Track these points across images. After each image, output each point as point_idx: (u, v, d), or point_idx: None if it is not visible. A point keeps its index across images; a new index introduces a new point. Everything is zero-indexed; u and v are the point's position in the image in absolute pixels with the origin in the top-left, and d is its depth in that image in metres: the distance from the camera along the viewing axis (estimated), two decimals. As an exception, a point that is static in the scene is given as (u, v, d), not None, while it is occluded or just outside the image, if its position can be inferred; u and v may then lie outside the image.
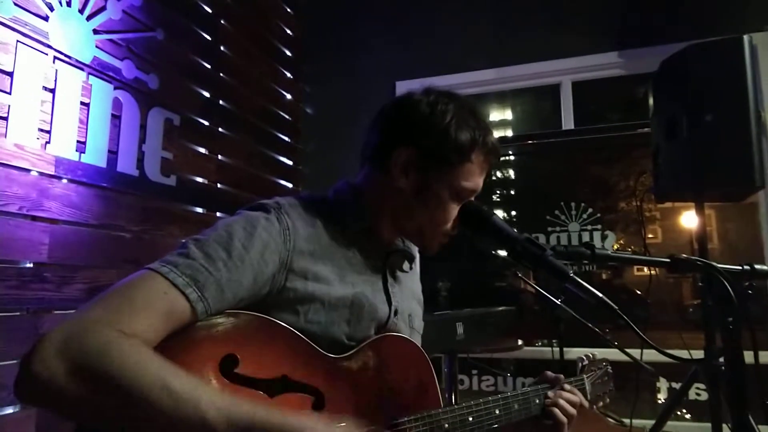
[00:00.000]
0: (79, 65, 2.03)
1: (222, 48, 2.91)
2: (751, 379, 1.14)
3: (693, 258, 1.16)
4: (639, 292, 3.10)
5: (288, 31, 3.58)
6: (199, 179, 2.69)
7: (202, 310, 0.85)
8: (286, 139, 3.48)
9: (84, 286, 1.98)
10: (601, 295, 1.01)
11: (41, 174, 1.88)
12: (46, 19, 1.91)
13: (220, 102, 2.87)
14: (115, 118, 2.18)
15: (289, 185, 3.46)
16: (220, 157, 2.84)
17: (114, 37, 2.19)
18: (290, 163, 3.51)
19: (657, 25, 2.95)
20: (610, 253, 1.23)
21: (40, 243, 1.84)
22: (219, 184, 2.81)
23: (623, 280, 3.24)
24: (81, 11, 2.05)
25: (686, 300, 3.12)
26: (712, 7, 2.86)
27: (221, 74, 2.89)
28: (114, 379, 0.73)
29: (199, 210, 2.70)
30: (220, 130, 2.86)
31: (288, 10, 3.59)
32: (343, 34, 3.57)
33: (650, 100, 2.23)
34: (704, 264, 1.13)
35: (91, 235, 2.06)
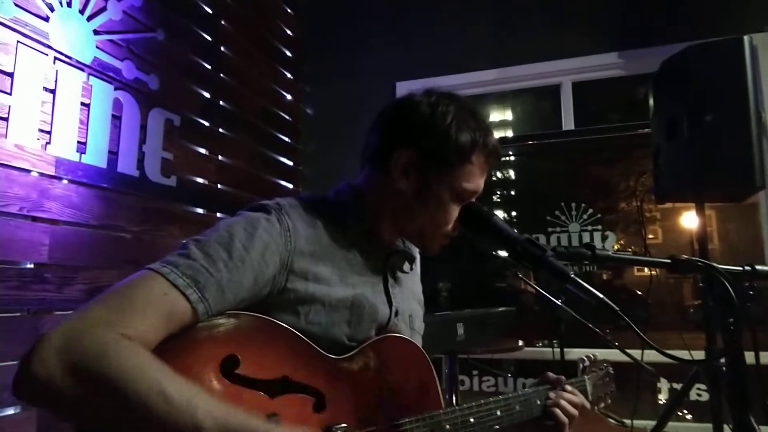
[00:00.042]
0: (79, 66, 2.03)
1: (222, 48, 2.91)
2: (752, 380, 1.14)
3: (694, 259, 1.16)
4: (639, 293, 3.10)
5: (288, 32, 3.58)
6: (200, 180, 2.69)
7: (203, 311, 0.85)
8: (287, 139, 3.48)
9: (84, 286, 1.98)
10: (601, 296, 1.01)
11: (41, 175, 1.88)
12: (46, 19, 1.91)
13: (221, 102, 2.87)
14: (116, 119, 2.18)
15: (290, 186, 3.46)
16: (220, 157, 2.84)
17: (114, 37, 2.19)
18: (290, 163, 3.51)
19: (657, 26, 2.95)
20: (610, 254, 1.23)
21: (40, 244, 1.84)
22: (219, 185, 2.81)
23: (624, 281, 3.24)
24: (81, 12, 2.05)
25: (687, 300, 3.11)
26: (713, 7, 2.86)
27: (221, 75, 2.89)
28: (111, 382, 0.73)
29: (200, 210, 2.70)
30: (220, 130, 2.86)
31: (288, 11, 3.59)
32: (344, 35, 3.57)
33: (651, 101, 2.23)
34: (705, 265, 1.13)
35: (92, 235, 2.06)
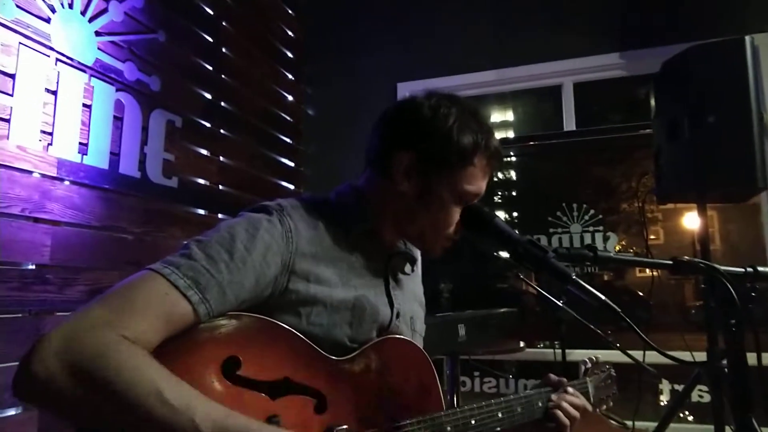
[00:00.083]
0: (81, 67, 2.03)
1: (223, 50, 2.91)
2: (754, 382, 1.13)
3: (696, 260, 1.16)
4: (641, 294, 3.10)
5: (289, 33, 3.58)
6: (201, 181, 2.69)
7: (204, 312, 0.85)
8: (288, 140, 3.48)
9: (86, 287, 1.98)
10: (603, 297, 1.01)
11: (43, 176, 1.88)
12: (48, 21, 1.92)
13: (222, 104, 2.87)
14: (117, 120, 2.18)
15: (291, 187, 3.46)
16: (221, 158, 2.84)
17: (116, 39, 2.19)
18: (292, 164, 3.51)
19: (658, 26, 2.94)
20: (612, 255, 1.23)
21: (42, 245, 1.84)
22: (221, 186, 2.81)
23: (625, 282, 3.24)
24: (83, 13, 2.05)
25: (688, 301, 3.11)
26: (714, 8, 2.86)
27: (223, 76, 2.89)
28: (110, 383, 0.73)
29: (201, 211, 2.70)
30: (221, 131, 2.86)
31: (289, 12, 3.59)
32: (345, 36, 3.57)
33: (652, 102, 2.23)
34: (707, 266, 1.13)
35: (93, 236, 2.06)
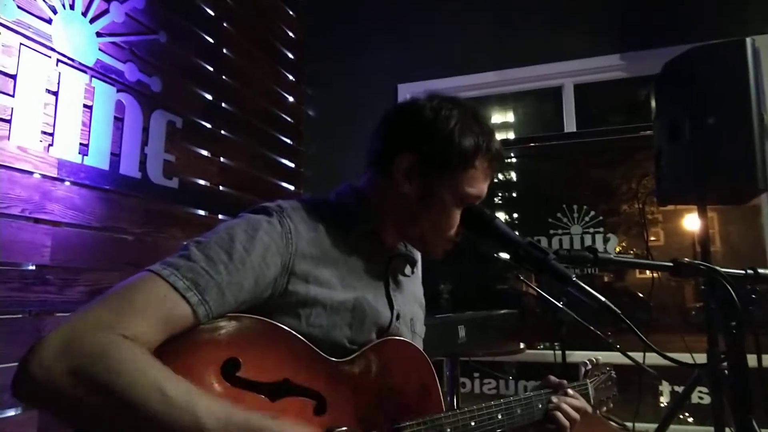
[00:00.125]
0: (82, 68, 2.03)
1: (224, 50, 2.91)
2: (755, 383, 1.13)
3: (696, 262, 1.16)
4: (641, 295, 3.10)
5: (290, 34, 3.58)
6: (202, 182, 2.69)
7: (204, 313, 0.85)
8: (288, 141, 3.48)
9: (86, 288, 1.98)
10: (603, 299, 1.01)
11: (44, 176, 1.88)
12: (49, 22, 1.92)
13: (223, 104, 2.88)
14: (118, 121, 2.18)
15: (291, 187, 3.46)
16: (222, 159, 2.84)
17: (117, 39, 2.19)
18: (292, 165, 3.51)
19: (659, 28, 2.94)
20: (612, 257, 1.22)
21: (42, 245, 1.84)
22: (221, 187, 2.81)
23: (625, 283, 3.24)
24: (84, 14, 2.06)
25: (689, 303, 3.11)
26: (715, 9, 2.86)
27: (223, 77, 2.89)
28: (111, 383, 0.73)
29: (201, 212, 2.70)
30: (222, 132, 2.86)
31: (290, 13, 3.59)
32: (345, 37, 3.58)
33: (652, 103, 2.22)
34: (707, 268, 1.13)
35: (94, 237, 2.06)
